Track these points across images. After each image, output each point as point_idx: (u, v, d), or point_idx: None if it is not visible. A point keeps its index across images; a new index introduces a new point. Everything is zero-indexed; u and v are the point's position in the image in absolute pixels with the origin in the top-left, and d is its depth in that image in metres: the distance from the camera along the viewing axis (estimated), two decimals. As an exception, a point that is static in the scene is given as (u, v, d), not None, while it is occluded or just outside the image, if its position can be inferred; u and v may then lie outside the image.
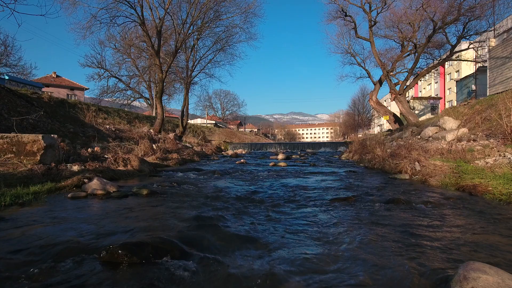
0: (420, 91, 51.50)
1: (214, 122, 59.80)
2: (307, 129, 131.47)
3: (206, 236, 2.33)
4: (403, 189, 4.82)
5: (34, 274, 1.77)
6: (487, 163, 5.56)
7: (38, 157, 6.04)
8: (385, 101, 56.06)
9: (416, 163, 6.35)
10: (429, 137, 10.91)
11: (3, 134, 6.27)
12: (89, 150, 9.01)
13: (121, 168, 7.15)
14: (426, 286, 1.60)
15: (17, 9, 5.37)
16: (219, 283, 1.70)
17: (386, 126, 45.88)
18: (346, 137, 64.42)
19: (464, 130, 9.66)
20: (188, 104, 21.58)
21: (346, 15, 21.35)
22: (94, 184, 4.49)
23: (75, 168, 6.03)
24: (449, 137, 9.46)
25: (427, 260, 1.93)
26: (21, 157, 6.05)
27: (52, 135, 6.60)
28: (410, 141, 10.88)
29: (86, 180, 5.02)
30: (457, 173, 5.17)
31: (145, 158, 8.75)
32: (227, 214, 3.12)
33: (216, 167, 9.05)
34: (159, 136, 16.17)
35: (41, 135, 6.26)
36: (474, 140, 8.45)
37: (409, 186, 5.09)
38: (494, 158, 5.82)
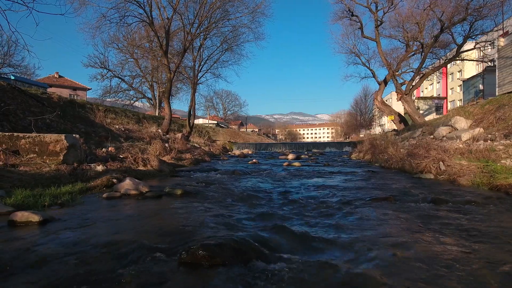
0: (422, 91, 51.50)
1: (216, 122, 59.67)
2: (308, 129, 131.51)
3: (273, 237, 2.29)
4: (435, 188, 4.79)
5: (115, 274, 1.73)
6: (515, 162, 5.53)
7: (61, 157, 5.98)
8: (386, 101, 55.93)
9: (441, 162, 6.33)
10: (443, 136, 10.87)
11: (25, 134, 6.21)
12: (104, 150, 8.94)
13: (141, 168, 7.10)
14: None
15: (36, 8, 5.32)
16: (305, 285, 1.67)
17: (388, 126, 45.84)
18: (348, 137, 64.42)
19: (479, 129, 9.64)
20: (195, 104, 21.53)
21: (352, 15, 21.34)
22: (127, 184, 4.44)
23: (99, 168, 5.98)
24: (465, 136, 9.42)
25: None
26: (44, 157, 5.99)
27: (74, 135, 6.55)
28: (424, 140, 10.85)
29: (115, 180, 4.98)
30: (487, 172, 5.14)
31: (161, 158, 8.70)
32: (279, 214, 3.08)
33: (232, 167, 9.00)
34: (167, 136, 16.10)
35: (63, 135, 6.21)
36: (491, 140, 8.41)
37: (439, 186, 5.07)
38: (520, 158, 5.79)
